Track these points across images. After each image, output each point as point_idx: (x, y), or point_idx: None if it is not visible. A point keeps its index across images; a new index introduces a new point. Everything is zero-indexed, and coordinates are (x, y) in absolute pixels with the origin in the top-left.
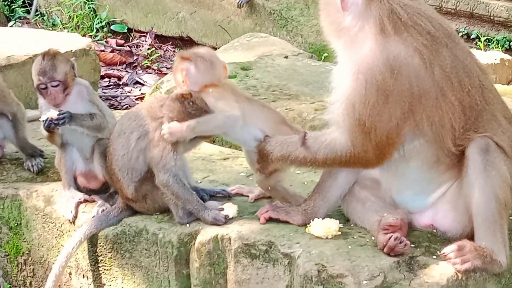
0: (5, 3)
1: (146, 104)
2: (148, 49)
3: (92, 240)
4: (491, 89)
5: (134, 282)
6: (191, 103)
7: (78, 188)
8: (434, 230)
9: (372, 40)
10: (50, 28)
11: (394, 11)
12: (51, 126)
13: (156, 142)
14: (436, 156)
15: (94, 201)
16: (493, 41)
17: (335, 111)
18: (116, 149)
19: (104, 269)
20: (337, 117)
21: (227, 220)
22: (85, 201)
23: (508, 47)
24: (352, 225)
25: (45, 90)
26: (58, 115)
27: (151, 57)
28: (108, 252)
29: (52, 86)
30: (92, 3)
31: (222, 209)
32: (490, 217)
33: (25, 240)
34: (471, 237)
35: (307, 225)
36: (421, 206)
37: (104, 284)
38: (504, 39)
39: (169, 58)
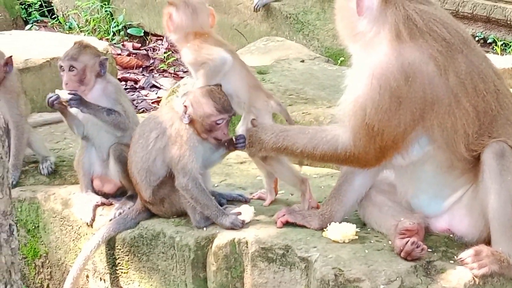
0: (23, 7)
1: (166, 106)
2: (165, 52)
3: (110, 243)
4: (507, 94)
5: (151, 285)
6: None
7: (94, 191)
8: (451, 235)
9: (387, 45)
10: (67, 32)
11: (409, 17)
12: (54, 103)
13: (174, 139)
14: (450, 161)
15: (111, 204)
16: (510, 46)
17: (343, 109)
18: (136, 151)
19: (122, 272)
20: (344, 116)
21: (244, 225)
22: (103, 204)
23: None
24: (369, 229)
25: (63, 72)
26: (69, 94)
27: (168, 61)
28: (125, 255)
29: (69, 71)
30: (109, 7)
31: (240, 214)
32: (507, 222)
33: (42, 242)
34: (488, 242)
35: (324, 229)
36: (437, 210)
37: (121, 287)
38: None
39: None
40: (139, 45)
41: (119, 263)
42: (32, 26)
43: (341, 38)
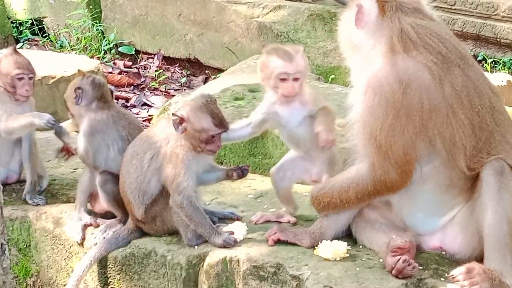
0: (14, 25)
1: (157, 125)
2: (156, 71)
3: (101, 262)
4: (502, 112)
5: None
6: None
7: (88, 210)
8: (443, 252)
9: (382, 58)
10: (58, 50)
11: (404, 30)
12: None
13: (169, 157)
14: (450, 179)
15: (98, 225)
16: (500, 63)
17: (354, 133)
18: (129, 172)
19: None
20: (356, 141)
21: (237, 243)
22: (91, 224)
23: None
24: (360, 246)
25: None
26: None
27: (159, 79)
28: (117, 274)
29: None
30: (100, 25)
31: (233, 233)
32: (501, 239)
33: (34, 261)
34: (479, 259)
35: (315, 247)
36: (431, 228)
37: None
38: (510, 61)
39: (176, 79)
40: (130, 63)
41: (111, 281)
42: (23, 44)
43: (342, 50)
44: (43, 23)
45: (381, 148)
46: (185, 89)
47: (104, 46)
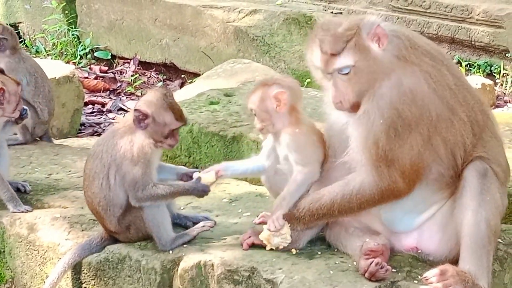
0: None
1: (108, 132)
2: (132, 75)
3: (76, 268)
4: (489, 108)
5: None
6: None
7: None
8: (419, 251)
9: (388, 71)
10: (34, 55)
11: (406, 37)
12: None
13: (136, 159)
14: (439, 174)
15: None
16: (475, 66)
17: (356, 153)
18: (95, 193)
19: None
20: (358, 156)
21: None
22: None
23: (489, 72)
24: (335, 250)
25: None
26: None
27: (135, 84)
28: (92, 279)
29: None
30: (76, 30)
31: (200, 178)
32: (479, 241)
33: (8, 268)
34: (454, 262)
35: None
36: (409, 226)
37: None
38: (485, 64)
39: (152, 84)
40: (106, 68)
41: (86, 287)
42: None
43: (357, 77)
44: (19, 28)
45: (387, 161)
46: None
47: (80, 51)
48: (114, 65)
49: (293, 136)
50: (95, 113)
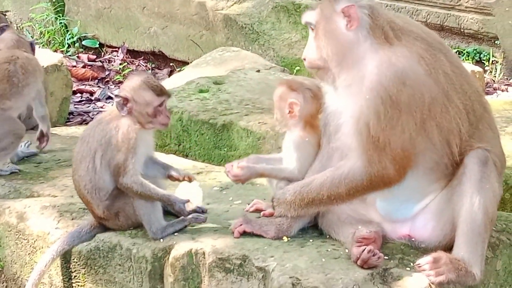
0: None
1: (96, 119)
2: (120, 64)
3: (66, 257)
4: (485, 97)
5: None
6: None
7: None
8: (413, 239)
9: (375, 53)
10: None
11: (392, 20)
12: None
13: (120, 144)
14: (435, 163)
15: None
16: (464, 54)
17: (346, 135)
18: (81, 176)
19: (78, 285)
20: (349, 140)
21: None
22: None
23: (478, 59)
24: (326, 237)
25: None
26: None
27: (123, 72)
28: (82, 268)
29: None
30: (64, 19)
31: (188, 201)
32: (476, 228)
33: None
34: (446, 249)
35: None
36: (405, 215)
37: None
38: (474, 51)
39: None
40: (94, 56)
41: (76, 276)
42: None
43: (330, 55)
44: (6, 17)
45: (379, 145)
46: None
47: (67, 39)
48: (102, 53)
49: (300, 142)
50: (83, 102)
